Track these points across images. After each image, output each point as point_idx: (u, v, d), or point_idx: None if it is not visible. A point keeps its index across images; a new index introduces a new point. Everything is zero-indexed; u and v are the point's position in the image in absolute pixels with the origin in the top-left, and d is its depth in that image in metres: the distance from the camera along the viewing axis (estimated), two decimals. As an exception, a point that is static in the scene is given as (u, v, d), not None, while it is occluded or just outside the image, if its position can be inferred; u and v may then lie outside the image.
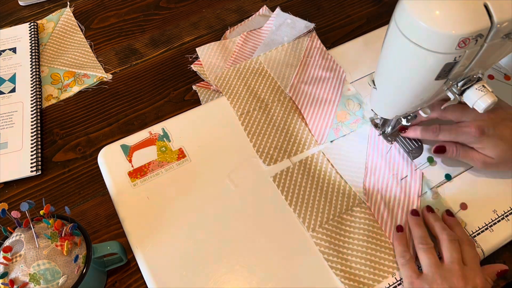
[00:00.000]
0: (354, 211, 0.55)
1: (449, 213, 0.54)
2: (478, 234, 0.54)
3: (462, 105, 0.51)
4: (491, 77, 0.66)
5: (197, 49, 0.73)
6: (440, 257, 0.49)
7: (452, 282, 0.46)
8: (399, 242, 0.52)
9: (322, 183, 0.57)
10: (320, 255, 0.52)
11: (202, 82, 0.70)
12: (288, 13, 0.76)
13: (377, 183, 0.57)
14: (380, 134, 0.61)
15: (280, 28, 0.73)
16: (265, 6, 0.78)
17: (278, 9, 0.75)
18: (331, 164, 0.59)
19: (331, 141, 0.61)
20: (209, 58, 0.72)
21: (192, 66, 0.72)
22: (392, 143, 0.60)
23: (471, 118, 0.53)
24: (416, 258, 0.51)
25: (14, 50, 0.74)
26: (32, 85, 0.69)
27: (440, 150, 0.56)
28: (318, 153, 0.60)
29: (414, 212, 0.54)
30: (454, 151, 0.55)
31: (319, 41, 0.71)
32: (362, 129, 0.62)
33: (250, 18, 0.77)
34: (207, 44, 0.74)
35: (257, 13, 0.78)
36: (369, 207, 0.55)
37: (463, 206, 0.56)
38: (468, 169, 0.58)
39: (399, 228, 0.53)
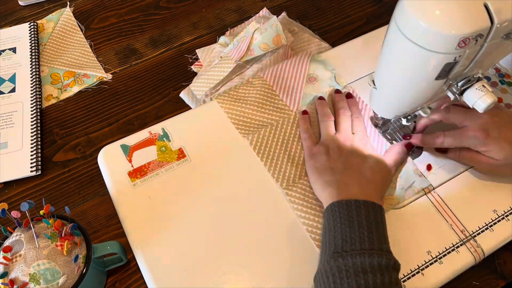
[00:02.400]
0: None
1: (349, 95, 0.63)
2: (478, 234, 0.54)
3: (465, 108, 0.51)
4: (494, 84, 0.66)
5: (197, 50, 0.73)
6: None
7: (341, 142, 0.56)
8: (303, 122, 0.61)
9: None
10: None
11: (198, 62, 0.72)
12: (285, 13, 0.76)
13: None
14: (381, 134, 0.61)
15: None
16: (265, 8, 0.78)
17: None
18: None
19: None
20: (209, 59, 0.72)
21: (192, 67, 0.72)
22: (392, 143, 0.60)
23: (474, 121, 0.53)
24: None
25: (14, 50, 0.74)
26: (32, 85, 0.69)
27: (442, 149, 0.57)
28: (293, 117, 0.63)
29: (321, 97, 0.63)
30: (457, 152, 0.56)
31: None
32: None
33: (250, 19, 0.77)
34: (208, 46, 0.74)
35: (257, 14, 0.77)
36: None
37: (428, 167, 0.58)
38: (468, 169, 0.58)
39: (304, 112, 0.62)
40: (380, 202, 0.50)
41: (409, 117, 0.56)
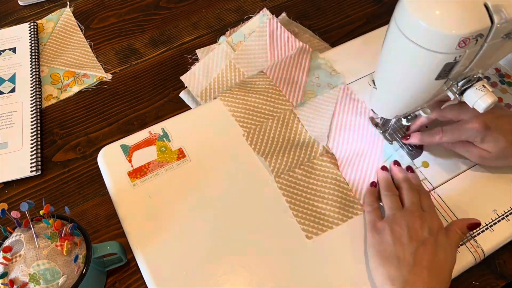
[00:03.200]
0: (318, 160, 0.59)
1: (409, 169, 0.58)
2: (478, 234, 0.54)
3: (460, 103, 0.51)
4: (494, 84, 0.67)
5: (197, 51, 0.73)
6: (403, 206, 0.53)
7: (410, 220, 0.50)
8: (370, 194, 0.56)
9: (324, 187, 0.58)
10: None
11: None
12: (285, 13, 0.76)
13: (344, 142, 0.60)
14: (381, 134, 0.61)
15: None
16: (265, 8, 0.78)
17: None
18: (301, 123, 0.62)
19: (303, 103, 0.64)
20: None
21: (192, 67, 0.72)
22: (392, 143, 0.60)
23: (470, 114, 0.53)
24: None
25: (14, 50, 0.74)
26: (32, 85, 0.69)
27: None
28: (289, 112, 0.63)
29: (384, 168, 0.58)
30: (451, 142, 0.56)
31: (277, 23, 0.72)
32: (332, 92, 0.65)
33: (250, 20, 0.77)
34: (208, 46, 0.74)
35: (257, 15, 0.77)
36: (333, 157, 0.59)
37: (424, 164, 0.58)
38: (467, 169, 0.58)
39: (373, 184, 0.57)
40: None
41: (409, 117, 0.56)
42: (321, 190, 0.57)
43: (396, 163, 0.58)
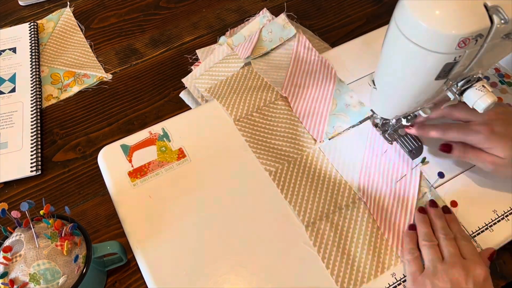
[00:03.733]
0: (349, 207, 0.56)
1: (446, 209, 0.54)
2: (478, 234, 0.54)
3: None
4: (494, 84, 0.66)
5: (197, 51, 0.73)
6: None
7: (453, 274, 0.46)
8: (410, 239, 0.52)
9: (318, 178, 0.58)
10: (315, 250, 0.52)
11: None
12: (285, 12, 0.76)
13: (374, 181, 0.58)
14: (381, 134, 0.61)
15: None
16: (265, 8, 0.78)
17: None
18: (327, 160, 0.59)
19: (329, 139, 0.61)
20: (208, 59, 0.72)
21: (192, 67, 0.72)
22: (392, 143, 0.60)
23: (479, 117, 0.52)
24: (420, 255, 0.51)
25: (14, 50, 0.74)
26: (32, 85, 0.69)
27: (446, 148, 0.55)
28: (315, 149, 0.60)
29: (421, 210, 0.54)
30: (462, 150, 0.54)
31: (306, 41, 0.71)
32: (360, 127, 0.62)
33: (250, 19, 0.77)
34: (208, 47, 0.74)
35: (258, 16, 0.77)
36: (365, 203, 0.56)
37: (453, 204, 0.56)
38: (467, 169, 0.58)
39: (411, 227, 0.53)
40: None
41: (409, 117, 0.56)
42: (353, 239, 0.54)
43: (432, 204, 0.55)
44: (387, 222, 0.54)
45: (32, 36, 0.75)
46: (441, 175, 0.56)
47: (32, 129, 0.65)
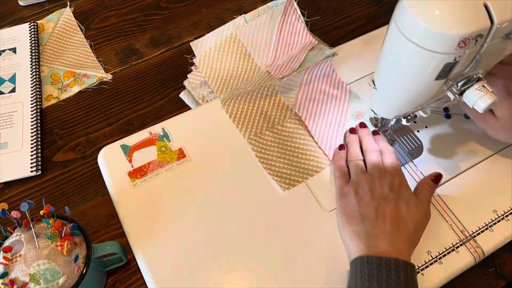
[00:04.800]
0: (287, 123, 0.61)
1: (375, 131, 0.59)
2: (478, 234, 0.54)
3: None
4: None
5: (191, 43, 0.73)
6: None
7: (371, 181, 0.53)
8: (339, 158, 0.58)
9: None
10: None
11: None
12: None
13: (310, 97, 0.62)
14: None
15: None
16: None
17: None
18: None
19: None
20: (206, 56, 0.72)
21: (192, 67, 0.72)
22: (392, 143, 0.60)
23: (502, 71, 0.52)
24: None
25: (14, 50, 0.74)
26: (32, 85, 0.69)
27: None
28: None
29: (352, 130, 0.60)
30: (475, 113, 0.54)
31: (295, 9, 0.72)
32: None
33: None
34: (201, 38, 0.74)
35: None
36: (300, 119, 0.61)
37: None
38: (467, 169, 0.58)
39: (341, 147, 0.59)
40: (412, 252, 0.49)
41: (409, 117, 0.56)
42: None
43: (363, 125, 0.60)
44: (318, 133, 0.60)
45: (32, 36, 0.75)
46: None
47: (32, 129, 0.65)
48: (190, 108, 0.67)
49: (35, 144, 0.64)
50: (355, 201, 0.52)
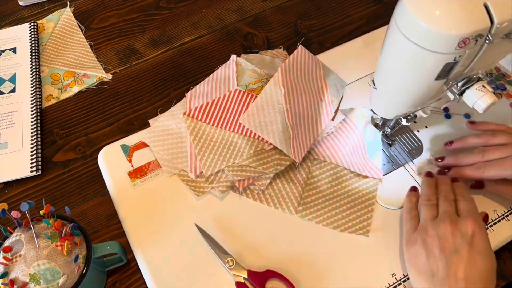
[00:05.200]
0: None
1: (454, 179, 0.55)
2: (478, 234, 0.53)
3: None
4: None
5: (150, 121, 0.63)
6: None
7: (440, 228, 0.47)
8: (408, 200, 0.54)
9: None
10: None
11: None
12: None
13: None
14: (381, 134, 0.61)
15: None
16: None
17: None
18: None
19: None
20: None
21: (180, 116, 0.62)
22: (391, 144, 0.60)
23: None
24: None
25: (14, 50, 0.74)
26: (32, 85, 0.69)
27: (477, 185, 0.56)
28: None
29: (429, 174, 0.56)
30: (494, 185, 0.54)
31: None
32: None
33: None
34: (157, 116, 0.64)
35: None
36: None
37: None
38: (468, 169, 0.58)
39: (413, 188, 0.56)
40: None
41: (409, 117, 0.56)
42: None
43: (442, 172, 0.56)
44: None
45: (32, 36, 0.75)
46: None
47: (32, 129, 0.65)
48: (190, 108, 0.67)
49: (35, 144, 0.64)
50: (424, 253, 0.47)
